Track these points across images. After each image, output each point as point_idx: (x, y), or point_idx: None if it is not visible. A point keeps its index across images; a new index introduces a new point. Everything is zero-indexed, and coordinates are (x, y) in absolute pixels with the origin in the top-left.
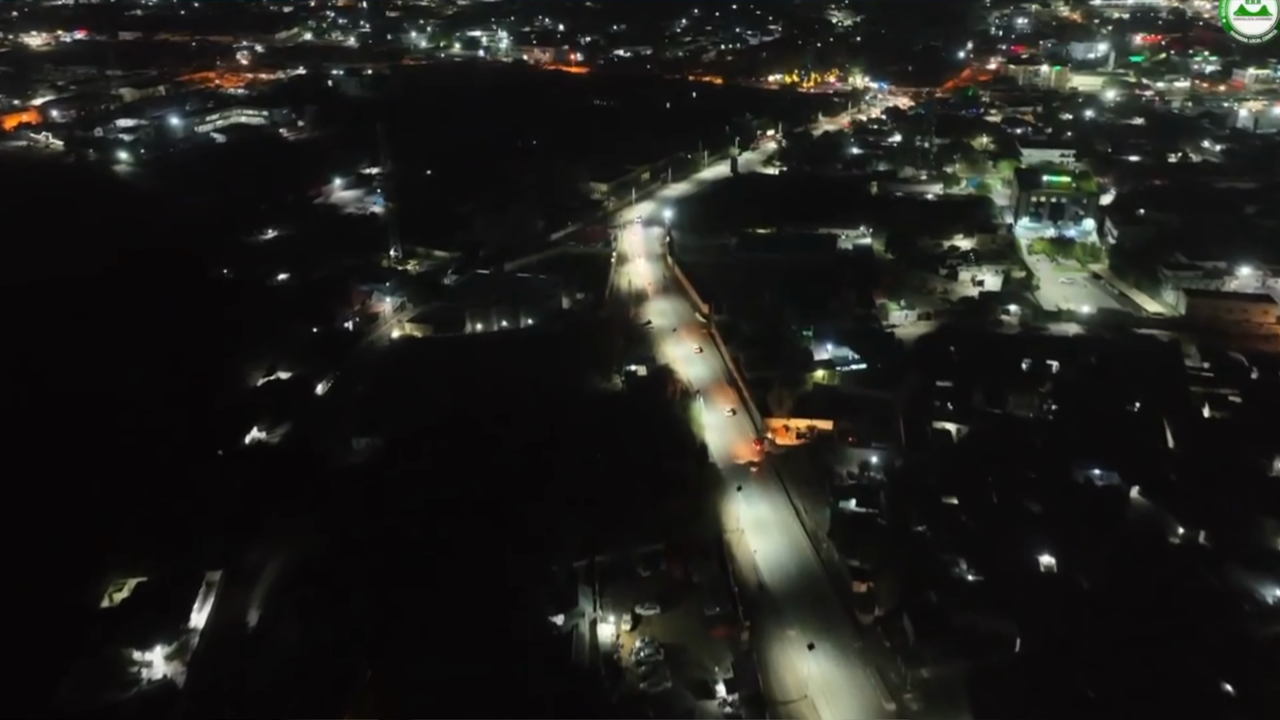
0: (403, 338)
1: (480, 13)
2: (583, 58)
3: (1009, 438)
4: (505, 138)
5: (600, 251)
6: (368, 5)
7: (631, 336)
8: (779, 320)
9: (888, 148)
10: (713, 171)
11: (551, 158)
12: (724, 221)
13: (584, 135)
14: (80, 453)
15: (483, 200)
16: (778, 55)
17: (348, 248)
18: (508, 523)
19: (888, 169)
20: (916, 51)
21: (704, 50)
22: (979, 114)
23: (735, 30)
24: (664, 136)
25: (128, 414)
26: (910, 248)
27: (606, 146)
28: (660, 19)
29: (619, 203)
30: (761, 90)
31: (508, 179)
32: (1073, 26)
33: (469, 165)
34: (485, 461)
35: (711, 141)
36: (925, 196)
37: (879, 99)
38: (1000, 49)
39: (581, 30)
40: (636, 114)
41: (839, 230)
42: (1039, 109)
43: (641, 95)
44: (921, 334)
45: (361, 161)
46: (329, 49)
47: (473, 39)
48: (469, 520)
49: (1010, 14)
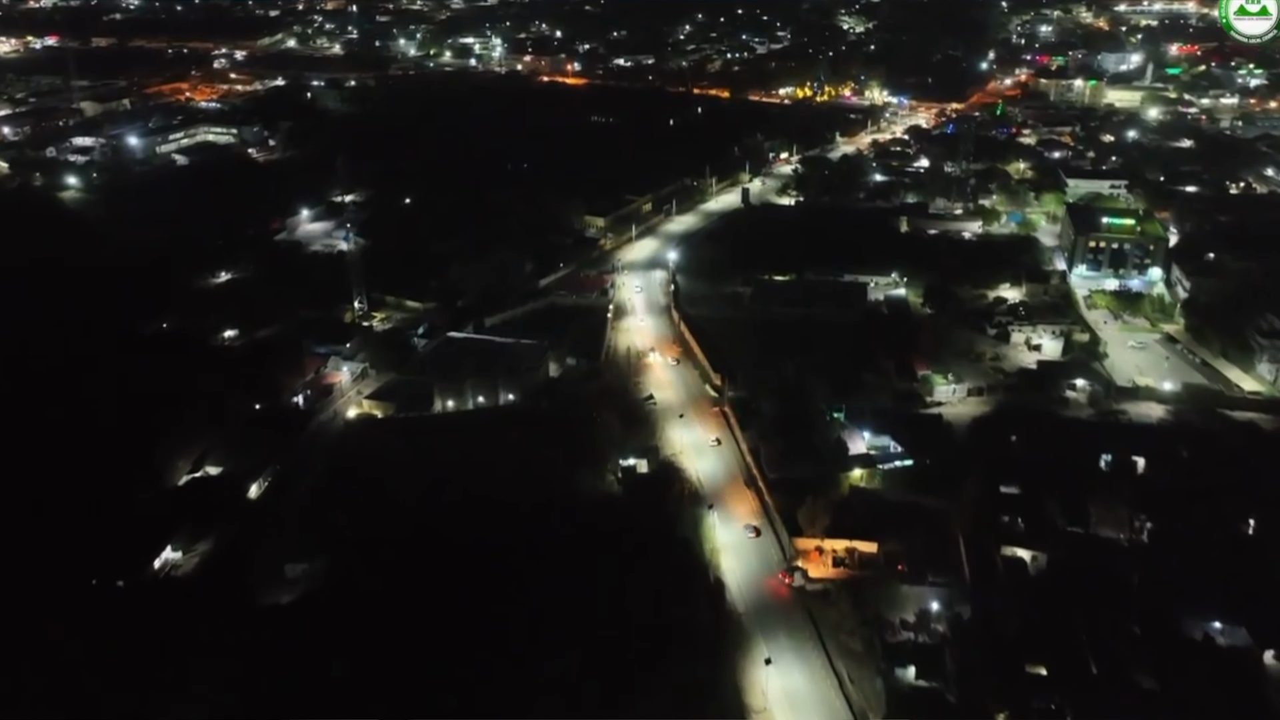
0: (360, 418)
1: (475, 17)
2: (580, 67)
3: (1098, 571)
4: (495, 159)
5: (595, 303)
6: (357, 9)
7: (630, 417)
8: (804, 397)
9: (915, 174)
10: (722, 201)
11: (543, 184)
12: (736, 264)
13: (580, 157)
14: None
15: (464, 237)
16: (787, 66)
17: (308, 295)
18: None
19: (917, 201)
20: (935, 62)
21: (709, 59)
22: (1010, 135)
23: (741, 38)
24: (667, 159)
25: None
26: (951, 300)
27: (604, 171)
28: (663, 25)
29: (617, 240)
30: (772, 105)
31: (494, 210)
32: (1100, 35)
33: (452, 192)
34: (444, 603)
35: (720, 165)
36: (962, 235)
37: (899, 115)
38: (1025, 59)
39: (580, 36)
40: (637, 132)
41: (867, 277)
42: (1077, 129)
43: (643, 110)
44: (975, 416)
45: (334, 188)
46: (312, 57)
47: (465, 46)
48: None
49: (1031, 21)
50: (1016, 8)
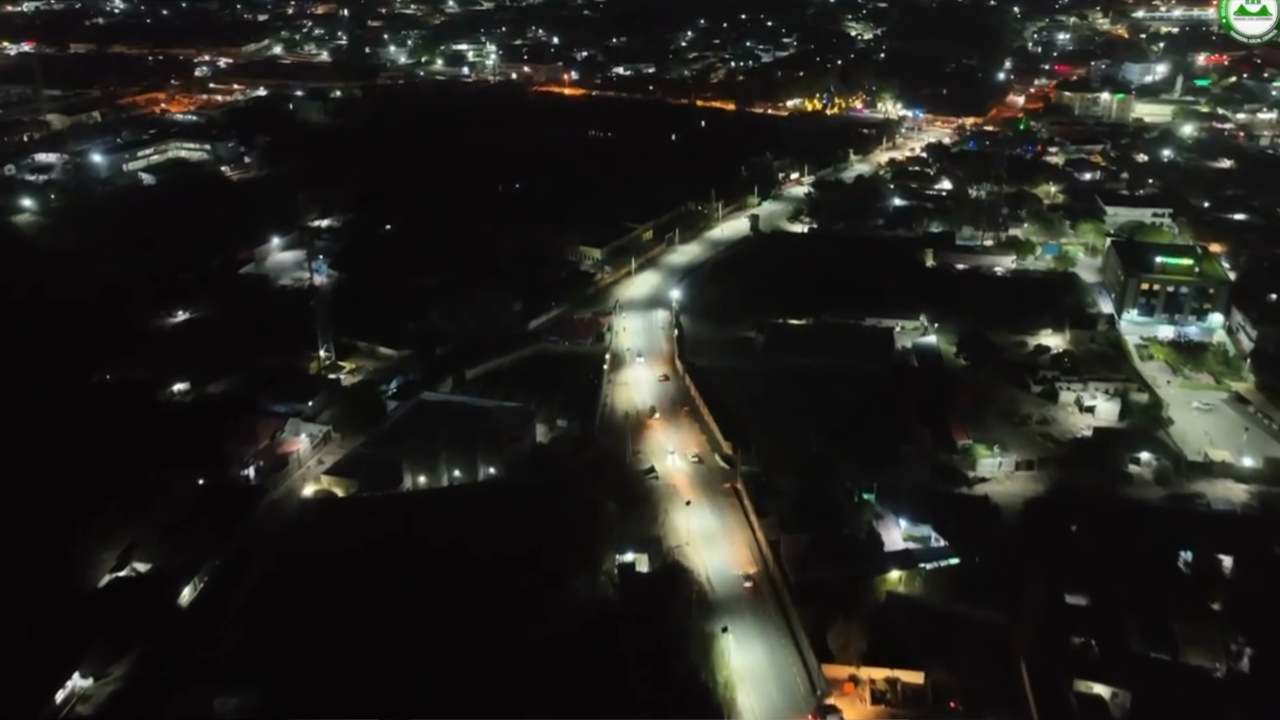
0: (318, 496)
1: (470, 22)
2: (578, 76)
3: (1193, 715)
4: (484, 178)
5: (590, 350)
6: (348, 14)
7: (629, 496)
8: (828, 473)
9: (937, 198)
10: (729, 228)
11: (536, 209)
12: (746, 303)
13: (576, 177)
14: None
15: (448, 270)
16: (795, 75)
17: (272, 339)
18: None
19: (943, 230)
20: (949, 72)
21: (713, 68)
22: (1035, 153)
23: (746, 45)
24: (669, 180)
25: None
26: (989, 350)
27: (602, 192)
28: (664, 31)
29: (615, 274)
30: (779, 118)
31: (481, 238)
32: (1120, 44)
33: (438, 217)
34: None
35: (726, 186)
36: (994, 270)
37: (915, 130)
38: (1043, 69)
39: (578, 43)
40: (637, 148)
41: (892, 320)
42: (1107, 147)
43: (643, 124)
44: (1027, 498)
45: (311, 211)
46: (298, 65)
47: (458, 54)
48: None
49: (1047, 28)
50: (1030, 14)
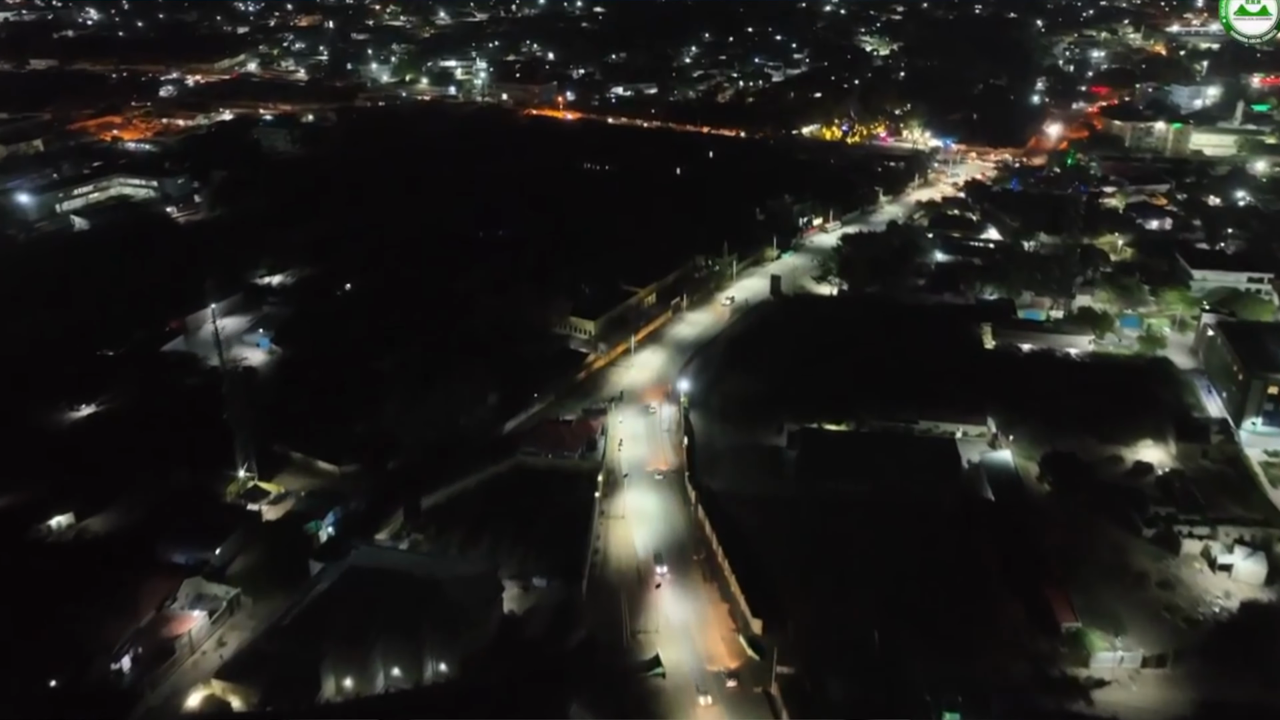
0: (207, 708)
1: (462, 35)
2: (574, 97)
3: None
4: (464, 223)
5: (578, 466)
6: (333, 26)
7: (624, 704)
8: (893, 672)
9: (984, 251)
10: (745, 288)
11: (520, 264)
12: (770, 396)
13: (568, 222)
14: None
15: (413, 344)
16: (810, 97)
17: (187, 446)
18: None
19: (999, 297)
20: (978, 94)
21: (719, 88)
22: (1089, 194)
23: (754, 61)
24: (674, 225)
25: None
26: (1081, 474)
27: (598, 241)
28: (666, 46)
29: (611, 352)
30: (795, 145)
31: (455, 302)
32: (1161, 63)
33: (406, 273)
34: None
35: (740, 234)
36: (1068, 352)
37: (949, 162)
38: (1080, 90)
39: (575, 59)
40: (638, 185)
41: (952, 425)
42: (1172, 187)
43: (645, 154)
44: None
45: (261, 265)
46: (272, 84)
47: (445, 72)
48: None
49: (1078, 44)
50: (1055, 28)
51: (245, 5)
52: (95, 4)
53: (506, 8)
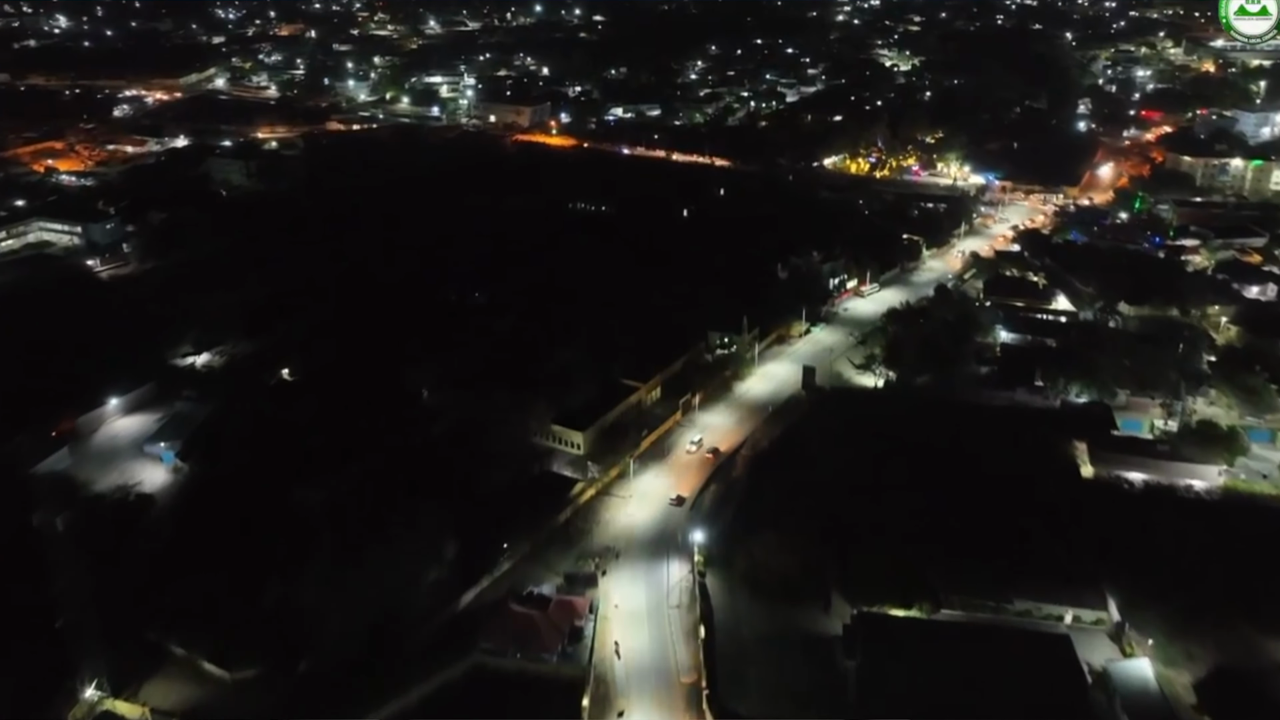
0: None
1: (450, 46)
2: (569, 119)
3: None
4: (434, 285)
5: (555, 672)
6: (315, 36)
7: None
8: None
9: (1058, 328)
10: (770, 377)
11: (492, 350)
12: (812, 556)
13: (554, 285)
14: None
15: (347, 477)
16: (828, 120)
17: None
18: None
19: (1091, 400)
20: (1016, 119)
21: (729, 110)
22: (1163, 245)
23: (766, 78)
24: (682, 286)
25: None
26: (1256, 705)
27: (590, 315)
28: (670, 59)
29: (605, 475)
30: (817, 180)
31: (410, 402)
32: (1213, 83)
33: (356, 357)
34: None
35: (761, 303)
36: (1189, 484)
37: (994, 203)
38: (1130, 116)
39: (571, 75)
40: (638, 232)
41: (1058, 608)
42: (1266, 240)
43: (646, 191)
44: None
45: (186, 337)
46: (238, 103)
47: (429, 89)
48: None
49: (1116, 59)
50: (1085, 41)
51: (225, 13)
52: (65, 11)
53: (500, 16)
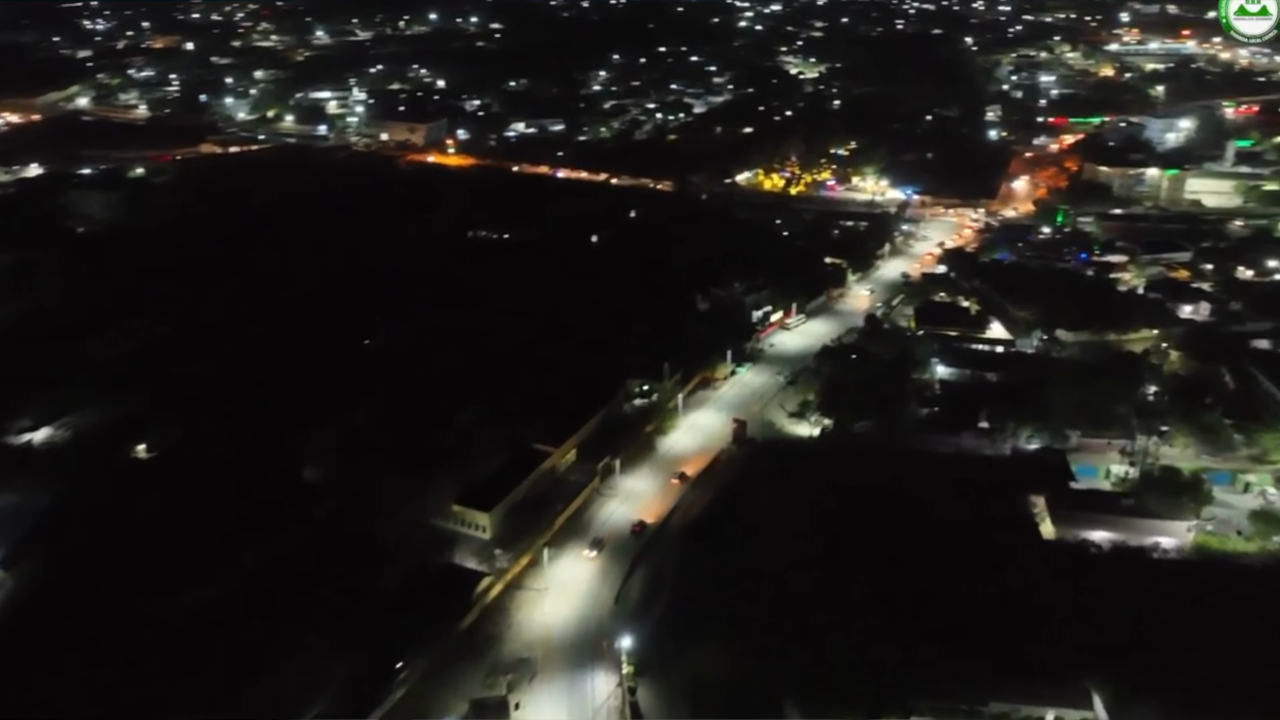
0: None
1: (341, 58)
2: (468, 136)
3: None
4: (323, 330)
5: None
6: (194, 48)
7: None
8: None
9: (998, 360)
10: (696, 429)
11: (381, 418)
12: (759, 660)
13: (454, 329)
14: None
15: (209, 590)
16: (739, 132)
17: None
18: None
19: (1043, 444)
20: (928, 128)
21: (637, 124)
22: (1090, 262)
23: (672, 88)
24: (594, 327)
25: None
26: None
27: (491, 366)
28: (574, 69)
29: (515, 565)
30: (732, 198)
31: (281, 490)
32: (1114, 88)
33: (229, 433)
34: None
35: (681, 341)
36: (1157, 543)
37: (916, 220)
38: (1039, 122)
39: (470, 87)
40: (544, 264)
41: (1039, 709)
42: (1192, 255)
43: (551, 213)
44: None
45: (27, 408)
46: (103, 125)
47: (316, 106)
48: None
49: (1020, 65)
50: (987, 46)
51: (94, 24)
52: None
53: (394, 25)
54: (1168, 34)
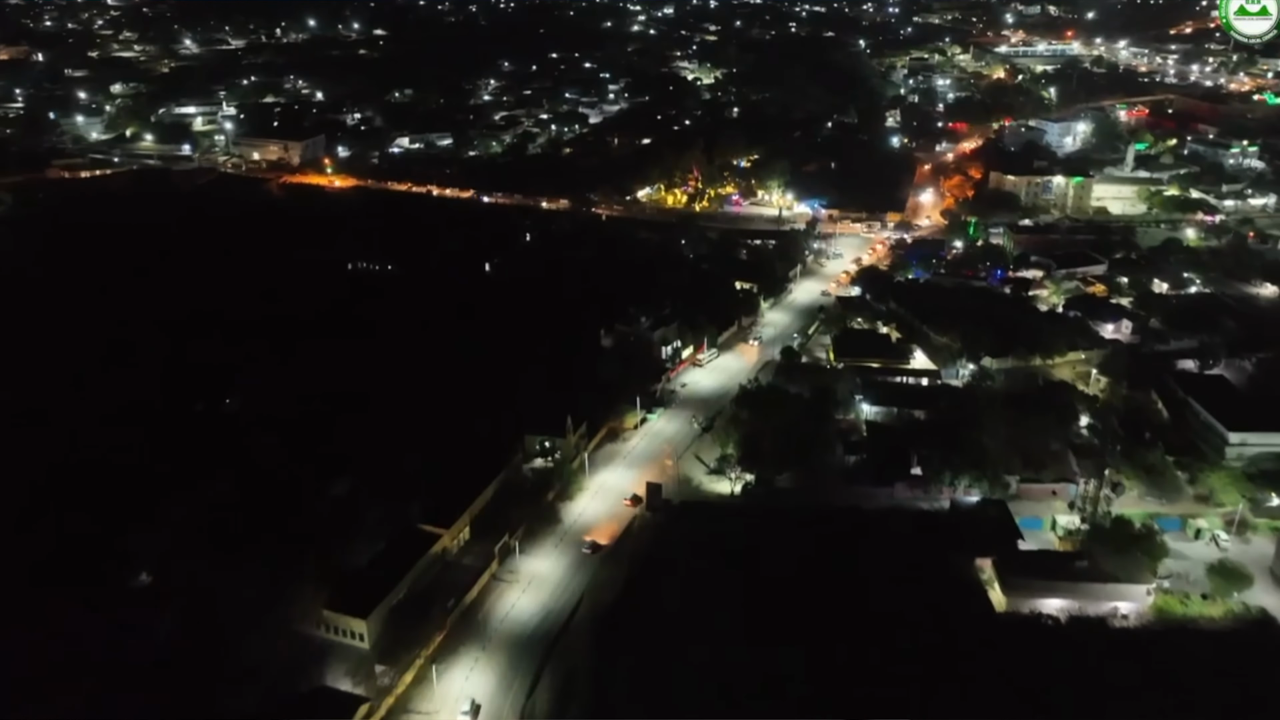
0: None
1: (210, 68)
2: (348, 154)
3: None
4: (175, 391)
5: None
6: (42, 60)
7: None
8: None
9: (924, 395)
10: (604, 491)
11: (242, 488)
12: None
13: (331, 380)
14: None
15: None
16: (636, 143)
17: None
18: None
19: (982, 496)
20: (828, 135)
21: (529, 136)
22: (1005, 278)
23: (565, 97)
24: (488, 376)
25: None
26: None
27: (376, 429)
28: (461, 78)
29: (400, 681)
30: (635, 217)
31: (112, 621)
32: (1008, 91)
33: (52, 527)
34: None
35: (585, 384)
36: (1115, 608)
37: (825, 237)
38: (938, 128)
39: (350, 98)
40: (430, 300)
41: None
42: (1106, 267)
43: (437, 241)
44: None
45: None
46: None
47: (179, 123)
48: None
49: (912, 68)
50: (879, 48)
51: None
52: None
53: (269, 32)
54: (1052, 35)
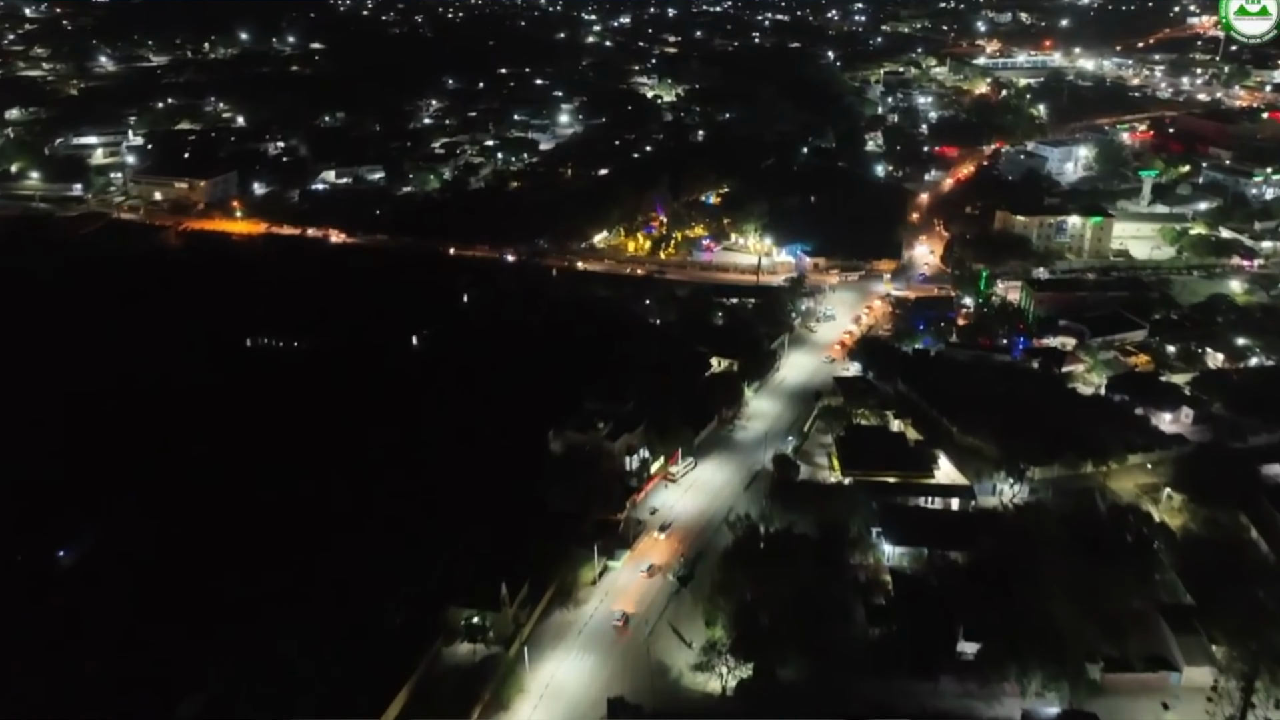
0: None
1: (123, 89)
2: (264, 192)
3: None
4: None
5: None
6: None
7: None
8: None
9: (959, 526)
10: (552, 695)
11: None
12: None
13: (189, 525)
14: None
15: None
16: (592, 175)
17: None
18: None
19: (1057, 697)
20: (805, 162)
21: (471, 168)
22: (1029, 348)
23: (513, 118)
24: (403, 514)
25: None
26: None
27: (238, 610)
28: (399, 99)
29: None
30: (590, 273)
31: None
32: (993, 108)
33: None
34: None
35: (528, 529)
36: None
37: (813, 293)
38: (925, 153)
39: (277, 122)
40: (343, 391)
41: None
42: (1147, 331)
43: (361, 308)
44: None
45: None
46: None
47: (75, 156)
48: None
49: (887, 81)
50: (850, 61)
51: None
52: None
53: (196, 47)
54: (1030, 45)
